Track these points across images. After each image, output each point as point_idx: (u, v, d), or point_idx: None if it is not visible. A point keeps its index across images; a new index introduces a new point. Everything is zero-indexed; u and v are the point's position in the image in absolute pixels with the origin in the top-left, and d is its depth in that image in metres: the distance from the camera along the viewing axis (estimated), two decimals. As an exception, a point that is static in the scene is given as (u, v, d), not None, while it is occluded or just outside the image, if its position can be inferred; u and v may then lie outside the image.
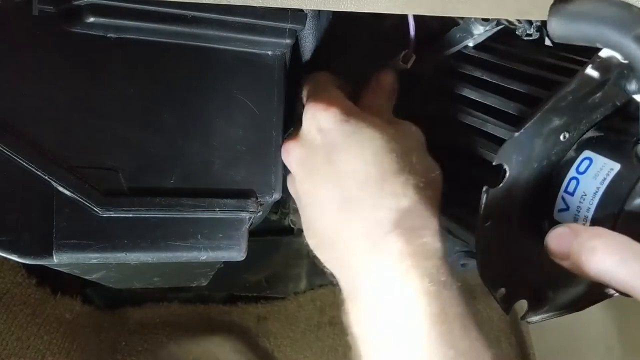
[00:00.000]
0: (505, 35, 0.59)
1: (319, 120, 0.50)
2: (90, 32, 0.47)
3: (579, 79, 0.44)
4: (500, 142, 0.46)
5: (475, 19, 0.56)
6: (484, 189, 0.44)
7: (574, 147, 0.46)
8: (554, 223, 0.45)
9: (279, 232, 1.11)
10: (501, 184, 0.44)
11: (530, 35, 0.60)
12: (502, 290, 0.47)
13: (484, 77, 0.54)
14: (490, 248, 0.46)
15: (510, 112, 0.49)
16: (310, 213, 0.52)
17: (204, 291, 1.16)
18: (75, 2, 0.45)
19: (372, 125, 0.49)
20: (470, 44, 0.58)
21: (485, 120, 0.51)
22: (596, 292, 0.50)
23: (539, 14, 0.50)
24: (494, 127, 0.49)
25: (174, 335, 1.12)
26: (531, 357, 1.18)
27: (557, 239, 0.42)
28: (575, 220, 0.45)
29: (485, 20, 0.56)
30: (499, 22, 0.58)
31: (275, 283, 1.18)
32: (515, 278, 0.48)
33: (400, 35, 0.57)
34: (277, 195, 0.57)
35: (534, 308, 0.50)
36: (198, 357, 1.10)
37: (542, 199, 0.47)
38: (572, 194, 0.45)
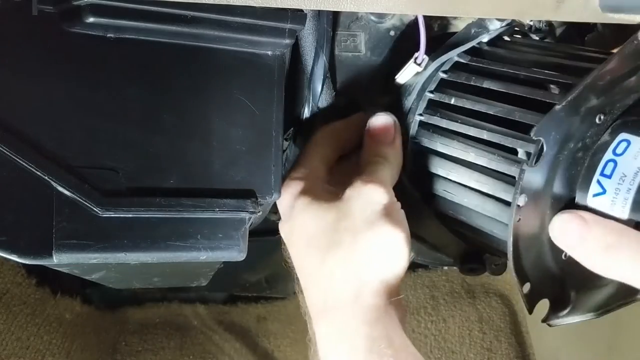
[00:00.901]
0: (509, 35, 0.59)
1: (286, 190, 0.55)
2: (89, 32, 0.47)
3: (618, 59, 0.42)
4: (527, 129, 0.45)
5: None
6: (521, 166, 0.43)
7: (609, 130, 0.45)
8: (587, 211, 0.44)
9: (279, 232, 1.11)
10: (539, 161, 0.43)
11: (540, 30, 0.59)
12: (528, 284, 0.46)
13: (504, 69, 0.53)
14: (522, 236, 0.45)
15: (539, 99, 0.48)
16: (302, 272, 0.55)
17: (204, 291, 1.17)
18: (75, 2, 0.45)
19: (315, 207, 0.52)
20: (485, 39, 0.57)
21: (511, 110, 0.49)
22: (623, 294, 0.49)
23: (539, 14, 0.50)
24: (522, 115, 0.48)
25: (174, 335, 1.12)
26: (531, 357, 1.18)
27: (564, 225, 0.42)
28: (613, 204, 0.43)
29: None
30: (511, 20, 0.57)
31: (275, 283, 1.18)
32: (539, 273, 0.47)
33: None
34: (277, 195, 0.57)
35: (556, 309, 0.48)
36: (198, 357, 1.10)
37: (575, 185, 0.45)
38: (609, 177, 0.44)
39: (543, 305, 0.49)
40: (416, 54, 0.57)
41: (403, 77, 0.59)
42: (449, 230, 0.59)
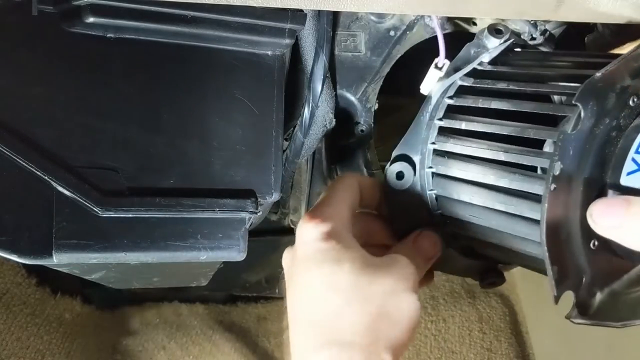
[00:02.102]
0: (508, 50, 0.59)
1: (303, 232, 0.49)
2: (89, 32, 0.47)
3: None
4: (541, 145, 0.45)
5: (489, 32, 0.56)
6: (559, 131, 0.43)
7: None
8: (619, 191, 0.45)
9: (279, 232, 1.11)
10: (576, 128, 0.43)
11: (535, 39, 0.59)
12: (556, 268, 0.45)
13: (510, 87, 0.53)
14: (555, 211, 0.44)
15: (551, 113, 0.48)
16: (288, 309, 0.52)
17: (204, 291, 1.16)
18: (75, 2, 0.45)
19: (346, 253, 0.48)
20: (486, 59, 0.57)
21: (524, 128, 0.49)
22: None
23: (539, 14, 0.50)
24: (536, 132, 0.48)
25: (174, 335, 1.12)
26: (531, 357, 1.18)
27: (606, 207, 0.42)
28: None
29: (499, 32, 0.56)
30: (510, 35, 0.57)
31: (275, 283, 1.18)
32: (566, 262, 0.46)
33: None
34: (276, 195, 0.57)
35: (579, 306, 0.47)
36: (198, 357, 1.10)
37: (607, 167, 0.45)
38: None
39: (543, 305, 0.49)
40: (436, 59, 0.57)
41: (426, 85, 0.57)
42: (474, 254, 0.59)
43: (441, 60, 0.57)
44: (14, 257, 0.46)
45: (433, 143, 0.56)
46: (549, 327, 1.13)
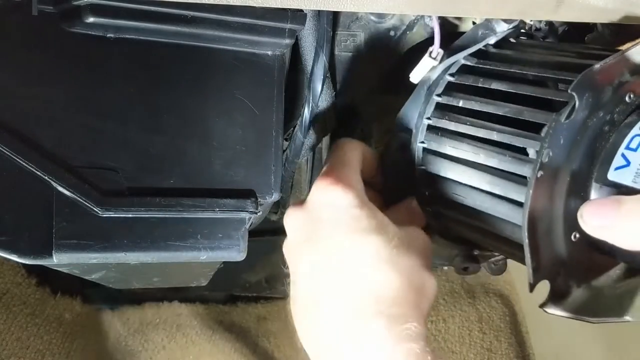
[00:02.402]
0: (515, 37, 0.59)
1: (332, 195, 0.49)
2: (89, 32, 0.47)
3: None
4: (539, 128, 0.45)
5: None
6: (551, 119, 0.43)
7: (637, 111, 0.46)
8: (605, 185, 0.45)
9: (279, 232, 1.11)
10: (570, 117, 0.43)
11: (540, 29, 0.59)
12: (533, 254, 0.45)
13: (512, 70, 0.53)
14: (540, 197, 0.44)
15: (550, 97, 0.48)
16: (299, 281, 0.51)
17: (204, 291, 1.16)
18: (75, 2, 0.45)
19: (383, 224, 0.48)
20: (492, 42, 0.57)
21: (520, 110, 0.49)
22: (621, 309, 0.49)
23: (539, 14, 0.50)
24: (532, 114, 0.48)
25: (174, 335, 1.12)
26: (531, 357, 1.18)
27: (597, 208, 0.42)
28: (636, 176, 0.44)
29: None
30: (519, 22, 0.57)
31: (275, 283, 1.18)
32: (545, 251, 0.46)
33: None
34: (276, 195, 0.57)
35: (555, 296, 0.47)
36: (198, 357, 1.10)
37: (596, 161, 0.46)
38: (635, 150, 0.44)
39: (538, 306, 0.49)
40: (431, 48, 0.56)
41: (417, 74, 0.57)
42: (454, 235, 0.59)
43: (435, 49, 0.56)
44: (14, 257, 0.46)
45: (428, 118, 0.56)
46: (549, 327, 1.13)
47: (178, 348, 1.10)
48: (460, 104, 0.54)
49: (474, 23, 0.60)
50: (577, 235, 0.46)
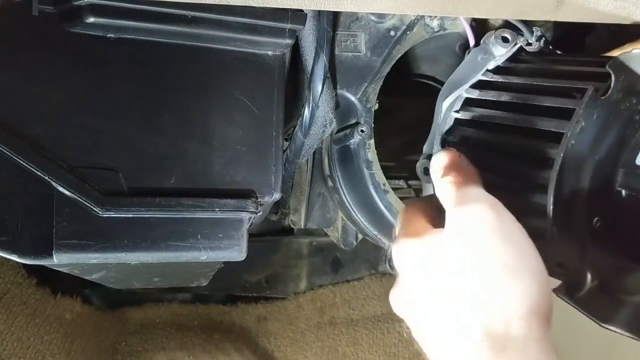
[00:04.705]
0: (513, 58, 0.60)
1: (406, 249, 0.45)
2: (90, 32, 0.47)
3: None
4: (546, 161, 0.46)
5: (496, 39, 0.57)
6: (589, 89, 0.44)
7: None
8: (633, 170, 0.46)
9: (279, 232, 1.11)
10: (606, 94, 0.44)
11: (531, 44, 0.60)
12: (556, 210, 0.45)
13: (514, 101, 0.54)
14: (566, 175, 0.44)
15: (559, 106, 0.49)
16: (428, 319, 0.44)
17: (204, 291, 1.17)
18: (75, 3, 0.45)
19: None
20: (491, 67, 0.58)
21: (528, 144, 0.50)
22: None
23: (539, 14, 0.50)
24: (544, 123, 0.49)
25: (174, 335, 1.12)
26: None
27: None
28: None
29: (506, 40, 0.57)
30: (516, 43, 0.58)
31: (275, 283, 1.18)
32: (566, 222, 0.45)
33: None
34: (277, 195, 0.57)
35: (569, 284, 0.46)
36: (198, 357, 1.10)
37: (624, 148, 0.46)
38: None
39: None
40: (468, 50, 0.59)
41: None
42: None
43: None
44: (14, 257, 0.46)
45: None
46: (549, 327, 1.13)
47: (178, 348, 1.10)
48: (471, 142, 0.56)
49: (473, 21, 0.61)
50: (599, 222, 0.47)
